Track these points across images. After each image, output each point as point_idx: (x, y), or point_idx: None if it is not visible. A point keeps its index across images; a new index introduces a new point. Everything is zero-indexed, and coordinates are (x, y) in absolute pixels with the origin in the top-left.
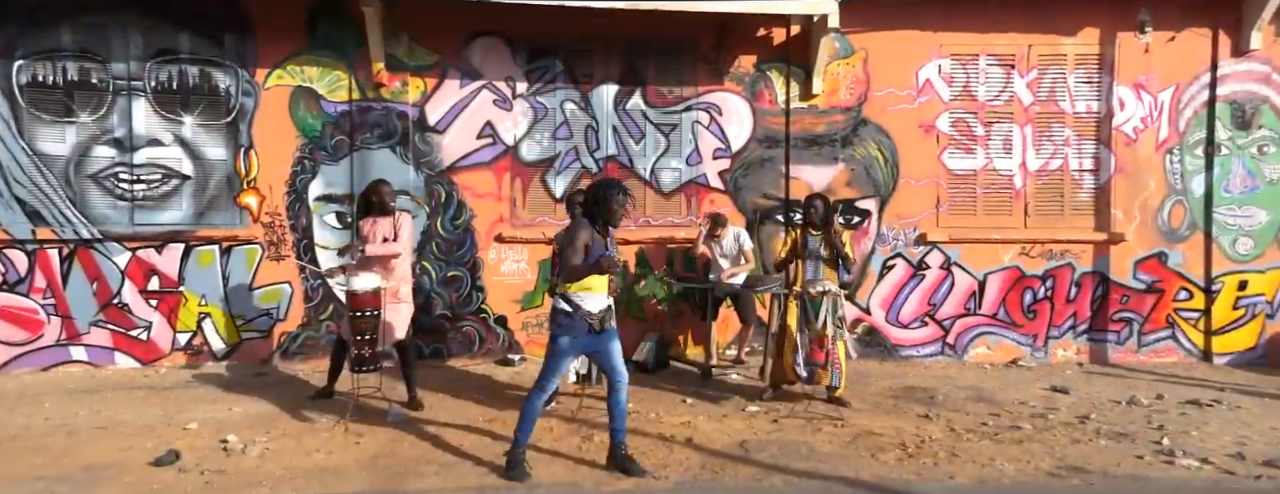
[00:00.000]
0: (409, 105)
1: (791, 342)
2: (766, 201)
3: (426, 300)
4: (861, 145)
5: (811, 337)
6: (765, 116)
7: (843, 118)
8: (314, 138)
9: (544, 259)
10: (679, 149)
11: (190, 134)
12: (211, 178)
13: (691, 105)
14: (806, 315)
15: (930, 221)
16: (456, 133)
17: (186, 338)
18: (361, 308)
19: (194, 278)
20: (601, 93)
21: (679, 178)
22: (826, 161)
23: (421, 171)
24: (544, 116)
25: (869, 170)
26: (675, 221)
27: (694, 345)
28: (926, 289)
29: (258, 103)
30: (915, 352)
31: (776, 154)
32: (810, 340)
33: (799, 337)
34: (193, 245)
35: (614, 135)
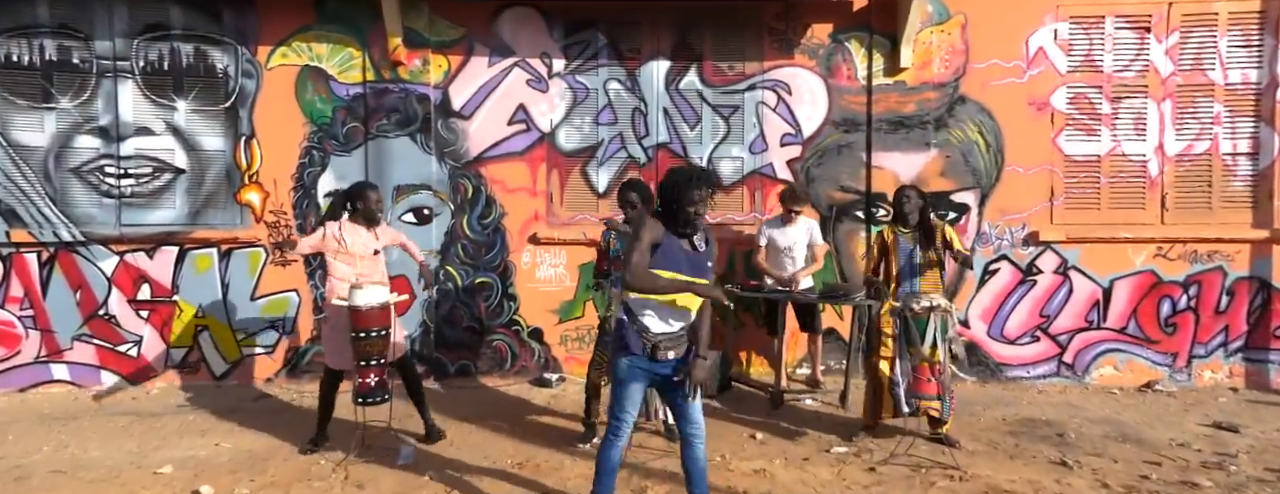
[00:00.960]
0: (430, 87)
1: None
2: (844, 195)
3: (451, 311)
4: (958, 127)
5: (916, 363)
6: (842, 95)
7: (936, 95)
8: (323, 125)
9: (585, 262)
10: (741, 134)
11: (184, 122)
12: (208, 171)
13: (755, 84)
14: (908, 337)
15: (1042, 218)
16: (485, 118)
17: (181, 354)
18: (367, 328)
19: (189, 285)
20: (651, 70)
21: (741, 168)
22: (916, 147)
23: (445, 163)
24: (585, 99)
25: (967, 157)
26: (737, 219)
27: (758, 362)
28: (1038, 298)
29: (260, 85)
30: (1024, 372)
31: (856, 139)
32: (914, 367)
33: (899, 364)
34: (188, 248)
35: (665, 119)
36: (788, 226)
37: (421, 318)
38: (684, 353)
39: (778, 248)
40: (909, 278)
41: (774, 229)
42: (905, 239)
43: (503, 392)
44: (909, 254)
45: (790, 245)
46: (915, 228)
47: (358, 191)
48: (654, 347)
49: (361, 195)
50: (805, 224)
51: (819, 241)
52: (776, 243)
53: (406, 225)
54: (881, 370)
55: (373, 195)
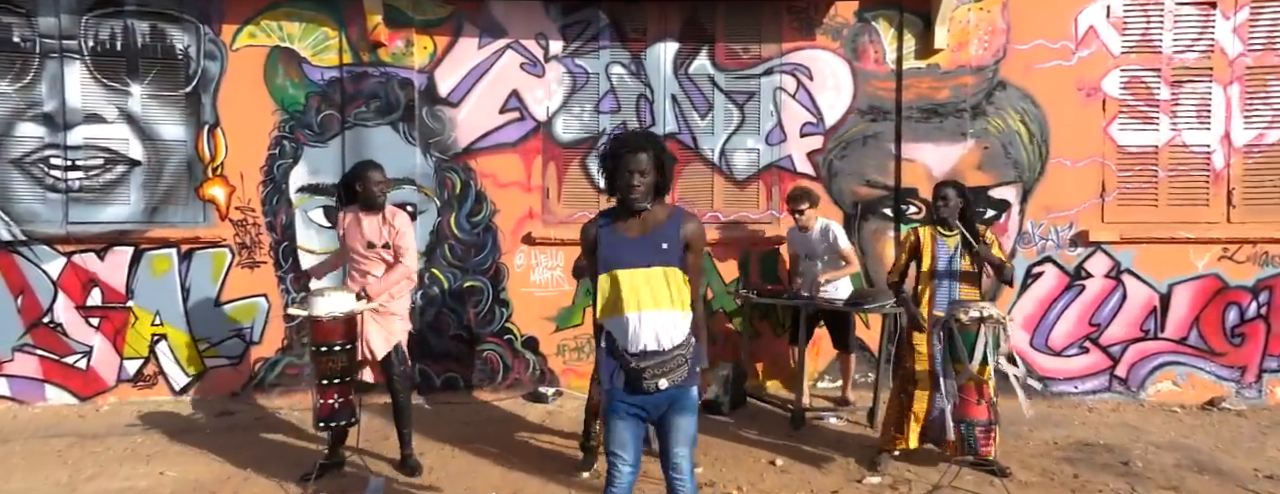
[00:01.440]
0: (414, 71)
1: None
2: (870, 191)
3: (437, 317)
4: (998, 116)
5: (963, 382)
6: (870, 80)
7: (974, 80)
8: (296, 112)
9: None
10: (756, 124)
11: (139, 108)
12: (167, 164)
13: (773, 68)
14: (954, 351)
15: (1092, 215)
16: (474, 106)
17: (136, 367)
18: (329, 341)
19: (146, 290)
20: (657, 53)
21: (756, 161)
22: (951, 138)
23: (430, 155)
24: (584, 84)
25: (1008, 149)
26: (752, 217)
27: (776, 375)
28: (1087, 304)
29: (225, 68)
30: (1072, 387)
31: (884, 129)
32: (961, 387)
33: (943, 383)
34: (144, 249)
35: (673, 107)
36: (804, 232)
37: None
38: (684, 379)
39: (800, 256)
40: (947, 285)
41: (794, 235)
42: (944, 241)
43: (494, 407)
44: (949, 259)
45: (810, 251)
46: (956, 229)
47: (356, 172)
48: (636, 376)
49: (361, 176)
50: (821, 227)
51: (843, 245)
52: (796, 249)
53: None
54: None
55: (374, 175)
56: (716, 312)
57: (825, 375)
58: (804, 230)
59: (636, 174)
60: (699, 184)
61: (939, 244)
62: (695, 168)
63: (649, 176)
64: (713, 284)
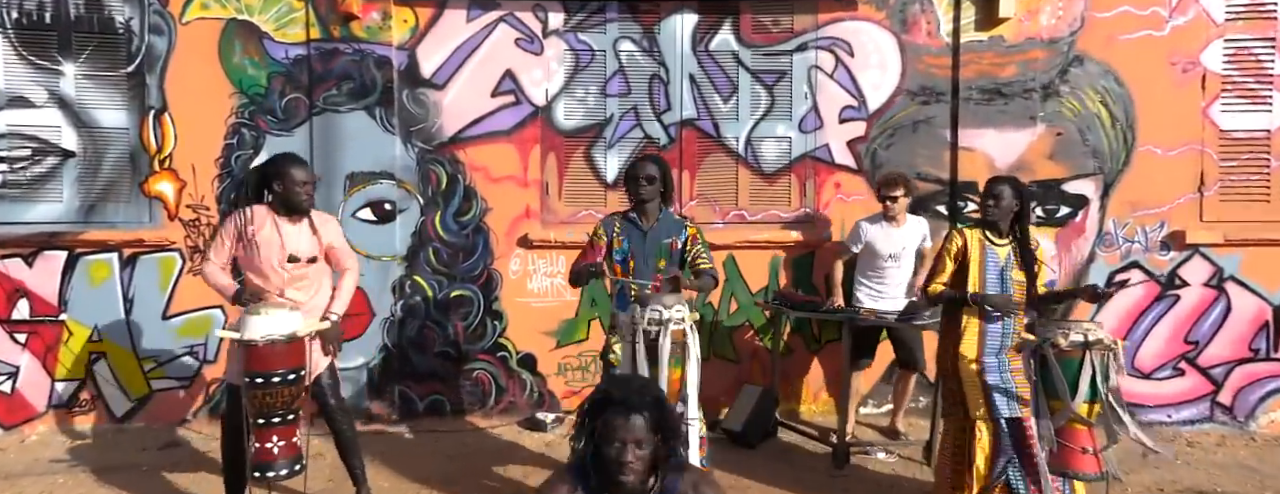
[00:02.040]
0: (393, 48)
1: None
2: (922, 185)
3: (419, 332)
4: (1074, 96)
5: (1061, 424)
6: (921, 57)
7: (1045, 55)
8: (256, 96)
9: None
10: (788, 108)
11: (73, 90)
12: (106, 155)
13: (807, 43)
14: (1049, 385)
15: (1188, 213)
16: (462, 88)
17: (70, 390)
18: (266, 371)
19: (82, 301)
20: (673, 28)
21: (788, 150)
22: (1017, 122)
23: (411, 145)
24: (589, 63)
25: (1086, 134)
26: (782, 215)
27: (809, 397)
28: (1182, 318)
29: (173, 44)
30: (1165, 416)
31: (937, 113)
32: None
33: (1037, 423)
34: (79, 253)
35: (692, 89)
36: (892, 225)
37: (381, 341)
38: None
39: (877, 254)
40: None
41: (874, 227)
42: (994, 250)
43: (486, 435)
44: (1000, 272)
45: (897, 251)
46: (1009, 235)
47: (275, 168)
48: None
49: (280, 173)
50: (918, 226)
51: (928, 245)
52: (877, 248)
53: (362, 224)
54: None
55: (297, 174)
56: (742, 325)
57: (869, 399)
58: (893, 223)
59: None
60: (721, 177)
61: (988, 253)
62: (717, 159)
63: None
64: (738, 294)
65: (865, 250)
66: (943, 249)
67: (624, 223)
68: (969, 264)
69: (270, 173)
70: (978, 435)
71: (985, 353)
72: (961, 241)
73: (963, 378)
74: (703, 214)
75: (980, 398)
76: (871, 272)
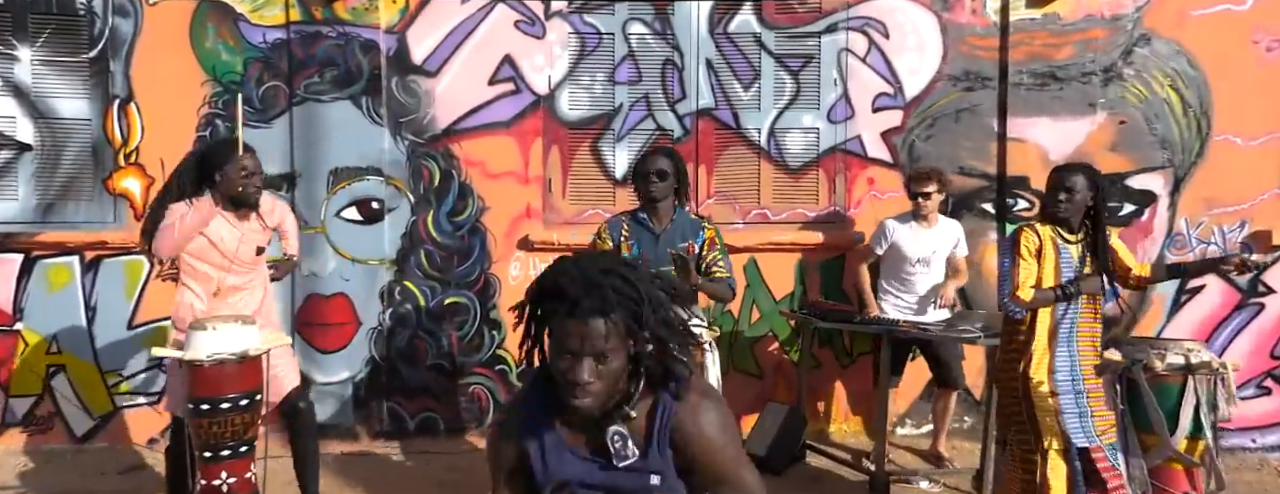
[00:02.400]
0: (381, 31)
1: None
2: (965, 180)
3: (410, 343)
4: (1139, 80)
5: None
6: (964, 37)
7: (1106, 34)
8: (232, 83)
9: None
10: (815, 96)
11: (29, 77)
12: (66, 148)
13: (837, 23)
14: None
15: (1272, 211)
16: (457, 75)
17: (26, 407)
18: (214, 396)
19: (39, 309)
20: (688, 8)
21: (815, 143)
22: (1074, 110)
23: (401, 138)
24: (596, 47)
25: (1153, 123)
26: (810, 215)
27: (840, 416)
28: (1267, 330)
29: (140, 26)
30: (1248, 440)
31: (983, 100)
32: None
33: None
34: (36, 256)
35: (709, 75)
36: (923, 227)
37: (368, 352)
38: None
39: (905, 257)
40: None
41: (902, 228)
42: (1067, 248)
43: (483, 456)
44: (1076, 274)
45: (927, 255)
46: (1079, 231)
47: (211, 155)
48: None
49: (220, 165)
50: (951, 229)
51: (963, 251)
52: (903, 250)
53: (348, 224)
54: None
55: (240, 162)
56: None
57: (907, 419)
58: (923, 223)
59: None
60: (742, 173)
61: (1061, 252)
62: (737, 152)
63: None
64: (760, 301)
65: (890, 253)
66: (1020, 250)
67: (633, 224)
68: (1041, 262)
69: (211, 162)
70: (1051, 467)
71: (1057, 370)
72: (1037, 239)
73: (1035, 402)
74: (721, 213)
75: (1055, 424)
76: (896, 277)
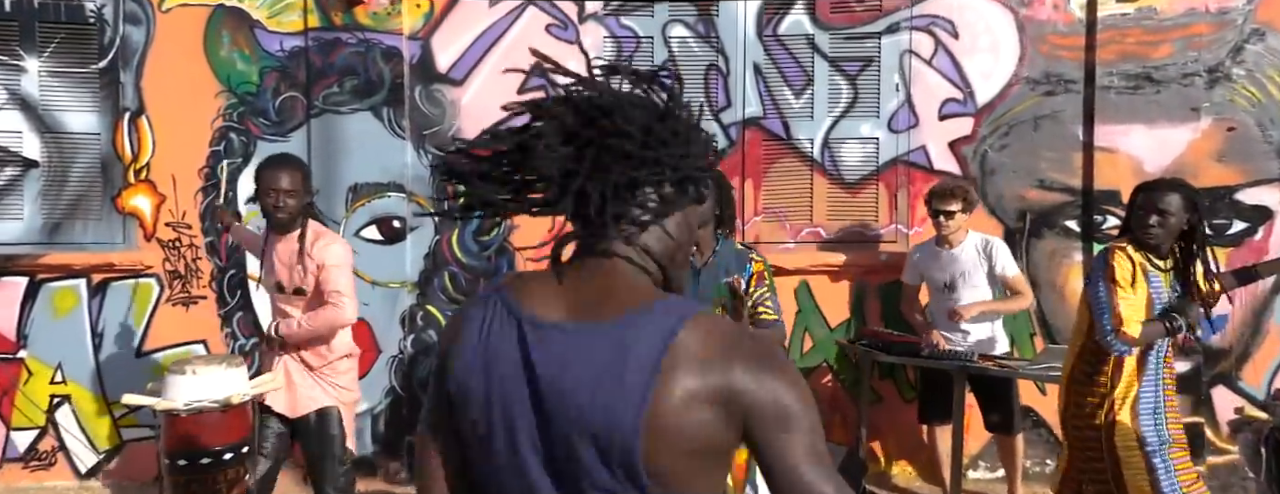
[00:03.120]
0: (404, 38)
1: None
2: (1046, 195)
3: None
4: (1251, 81)
5: None
6: (1044, 36)
7: (1211, 29)
8: (247, 94)
9: None
10: (874, 103)
11: (37, 90)
12: (73, 164)
13: (900, 23)
14: None
15: None
16: (484, 84)
17: (29, 441)
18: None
19: (44, 335)
20: (734, 9)
21: (874, 154)
22: (1174, 116)
23: (424, 151)
24: (634, 53)
25: (1267, 129)
26: (868, 233)
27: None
28: None
29: (152, 36)
30: None
31: (1066, 105)
32: None
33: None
34: (42, 279)
35: (757, 81)
36: (944, 248)
37: (387, 383)
38: None
39: (935, 286)
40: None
41: (925, 257)
42: (1157, 276)
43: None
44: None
45: (952, 280)
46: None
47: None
48: None
49: (257, 179)
50: (976, 242)
51: (1011, 270)
52: (934, 278)
53: (367, 244)
54: None
55: (270, 177)
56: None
57: (980, 461)
58: (945, 245)
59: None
60: (793, 188)
61: (1151, 281)
62: (787, 165)
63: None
64: (812, 329)
65: (926, 282)
66: (1115, 278)
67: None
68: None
69: (259, 179)
70: None
71: (1141, 414)
72: (1131, 264)
73: (1121, 457)
74: (770, 232)
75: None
76: (936, 307)
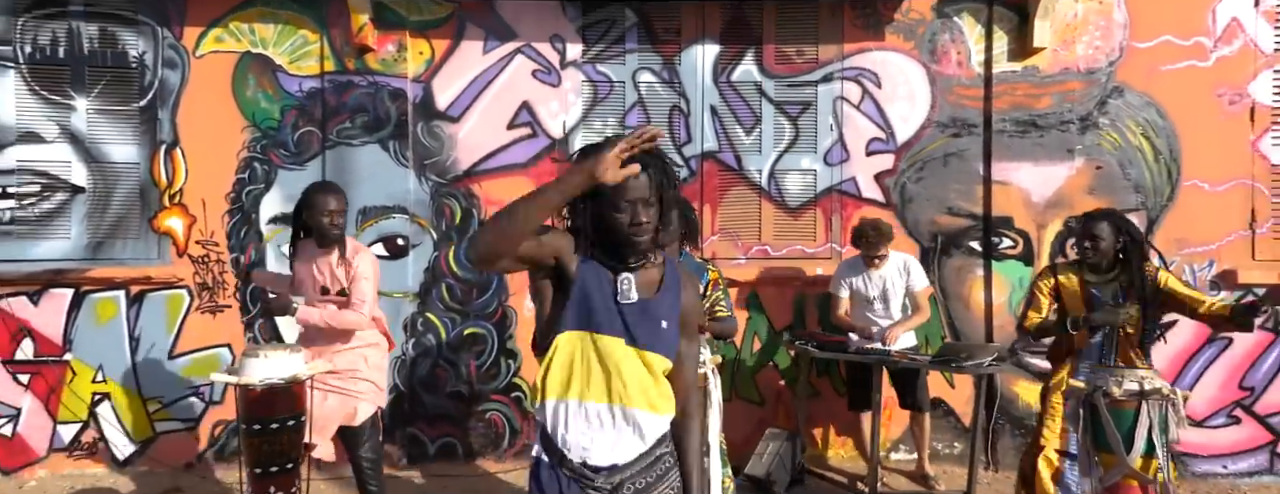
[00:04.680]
0: (408, 80)
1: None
2: (953, 220)
3: (431, 372)
4: (1114, 129)
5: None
6: (952, 87)
7: (1082, 85)
8: (269, 129)
9: None
10: (812, 140)
11: (85, 125)
12: (116, 190)
13: (833, 74)
14: (1098, 436)
15: (1239, 251)
16: (478, 121)
17: (73, 433)
18: (266, 417)
19: (87, 341)
20: (694, 57)
21: (813, 184)
22: (1054, 156)
23: (426, 179)
24: (608, 94)
25: (1126, 169)
26: (807, 251)
27: (838, 442)
28: (1236, 363)
29: (186, 78)
30: (1219, 466)
31: (969, 145)
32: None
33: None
34: (86, 291)
35: (713, 121)
36: (872, 269)
37: (391, 380)
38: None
39: (863, 298)
40: (1101, 346)
41: (853, 276)
42: (1101, 290)
43: (499, 480)
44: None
45: (879, 293)
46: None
47: (305, 197)
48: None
49: (308, 202)
50: (898, 262)
51: (920, 283)
52: (861, 292)
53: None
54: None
55: (325, 202)
56: (766, 365)
57: (900, 445)
58: (872, 266)
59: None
60: (744, 211)
61: (1094, 295)
62: (739, 192)
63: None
64: (761, 333)
65: (853, 294)
66: (1036, 286)
67: None
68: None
69: (301, 203)
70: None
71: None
72: (1053, 280)
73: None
74: (724, 249)
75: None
76: (860, 315)
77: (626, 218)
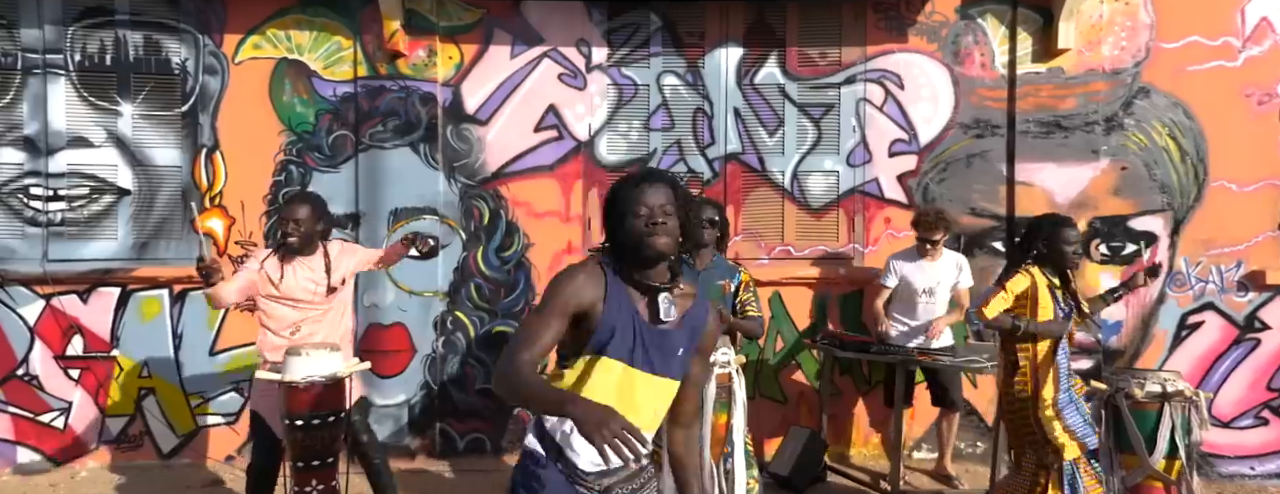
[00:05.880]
0: (438, 84)
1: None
2: (976, 221)
3: (460, 369)
4: (1140, 129)
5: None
6: (975, 89)
7: (1107, 86)
8: (304, 133)
9: None
10: (835, 142)
11: (130, 130)
12: (160, 192)
13: (856, 76)
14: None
15: (1268, 251)
16: (506, 124)
17: (120, 426)
18: (311, 413)
19: (133, 337)
20: (718, 61)
21: (835, 185)
22: (1078, 156)
23: (455, 180)
24: (633, 97)
25: (1152, 169)
26: (830, 251)
27: (859, 440)
28: (1263, 364)
29: (226, 84)
30: (1247, 468)
31: (993, 146)
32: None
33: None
34: (132, 290)
35: (737, 123)
36: (927, 260)
37: (422, 377)
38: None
39: (913, 289)
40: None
41: (908, 264)
42: (1059, 295)
43: None
44: (1066, 317)
45: (932, 286)
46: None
47: (288, 208)
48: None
49: (291, 213)
50: (953, 259)
51: (967, 283)
52: (912, 283)
53: (405, 260)
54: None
55: (289, 210)
56: (789, 364)
57: (922, 444)
58: (927, 258)
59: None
60: (767, 212)
61: (1055, 298)
62: (763, 193)
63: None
64: (784, 332)
65: (901, 285)
66: (1008, 281)
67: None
68: (1036, 307)
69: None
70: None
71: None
72: (1030, 282)
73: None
74: (748, 250)
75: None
76: (905, 307)
77: (644, 220)
